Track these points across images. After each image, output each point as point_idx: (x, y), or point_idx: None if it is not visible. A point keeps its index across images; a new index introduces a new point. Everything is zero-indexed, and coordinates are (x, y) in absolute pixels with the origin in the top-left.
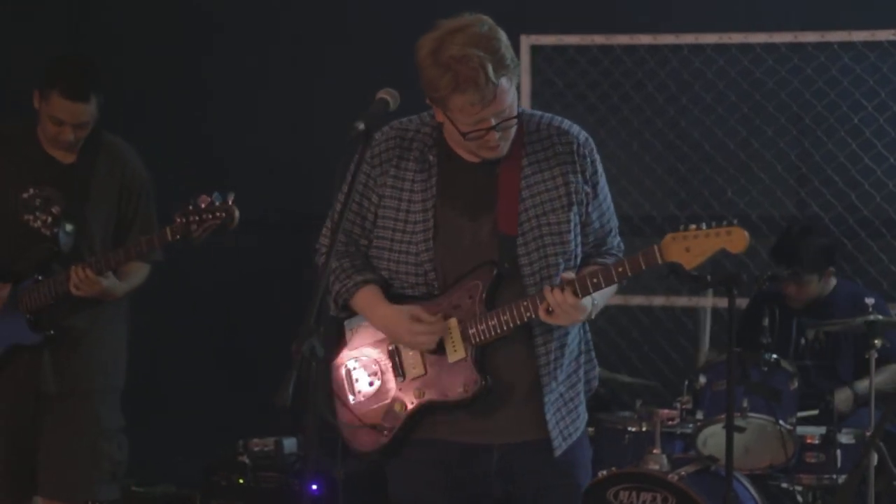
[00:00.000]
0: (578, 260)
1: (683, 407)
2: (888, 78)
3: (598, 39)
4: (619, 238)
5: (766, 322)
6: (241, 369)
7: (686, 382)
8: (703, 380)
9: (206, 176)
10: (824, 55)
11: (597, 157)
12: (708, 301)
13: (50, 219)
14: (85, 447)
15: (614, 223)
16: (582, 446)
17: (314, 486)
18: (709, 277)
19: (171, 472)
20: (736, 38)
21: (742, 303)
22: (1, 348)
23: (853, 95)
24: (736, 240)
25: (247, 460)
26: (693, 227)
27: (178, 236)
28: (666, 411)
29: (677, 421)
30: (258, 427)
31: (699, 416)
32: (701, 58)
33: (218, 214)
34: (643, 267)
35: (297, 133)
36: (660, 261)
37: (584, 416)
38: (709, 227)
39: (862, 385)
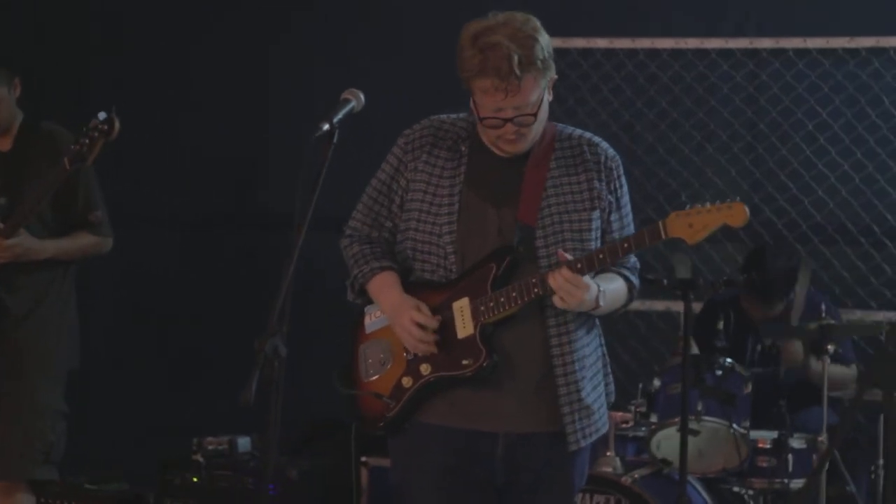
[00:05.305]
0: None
1: (637, 410)
2: (842, 85)
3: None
4: (635, 256)
5: (720, 326)
6: (196, 367)
7: (640, 385)
8: (657, 383)
9: (161, 171)
10: (779, 61)
11: (622, 173)
12: (660, 305)
13: None
14: (19, 426)
15: None
16: (587, 453)
17: (271, 486)
18: (665, 281)
19: (125, 470)
20: (692, 42)
21: (696, 307)
22: None
23: (808, 102)
24: (736, 214)
25: (201, 459)
26: (697, 205)
27: (76, 163)
28: (620, 414)
29: (631, 424)
30: (212, 425)
31: (653, 419)
32: (657, 62)
33: (101, 127)
34: (647, 242)
35: (255, 131)
36: (663, 236)
37: (601, 426)
38: (712, 203)
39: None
